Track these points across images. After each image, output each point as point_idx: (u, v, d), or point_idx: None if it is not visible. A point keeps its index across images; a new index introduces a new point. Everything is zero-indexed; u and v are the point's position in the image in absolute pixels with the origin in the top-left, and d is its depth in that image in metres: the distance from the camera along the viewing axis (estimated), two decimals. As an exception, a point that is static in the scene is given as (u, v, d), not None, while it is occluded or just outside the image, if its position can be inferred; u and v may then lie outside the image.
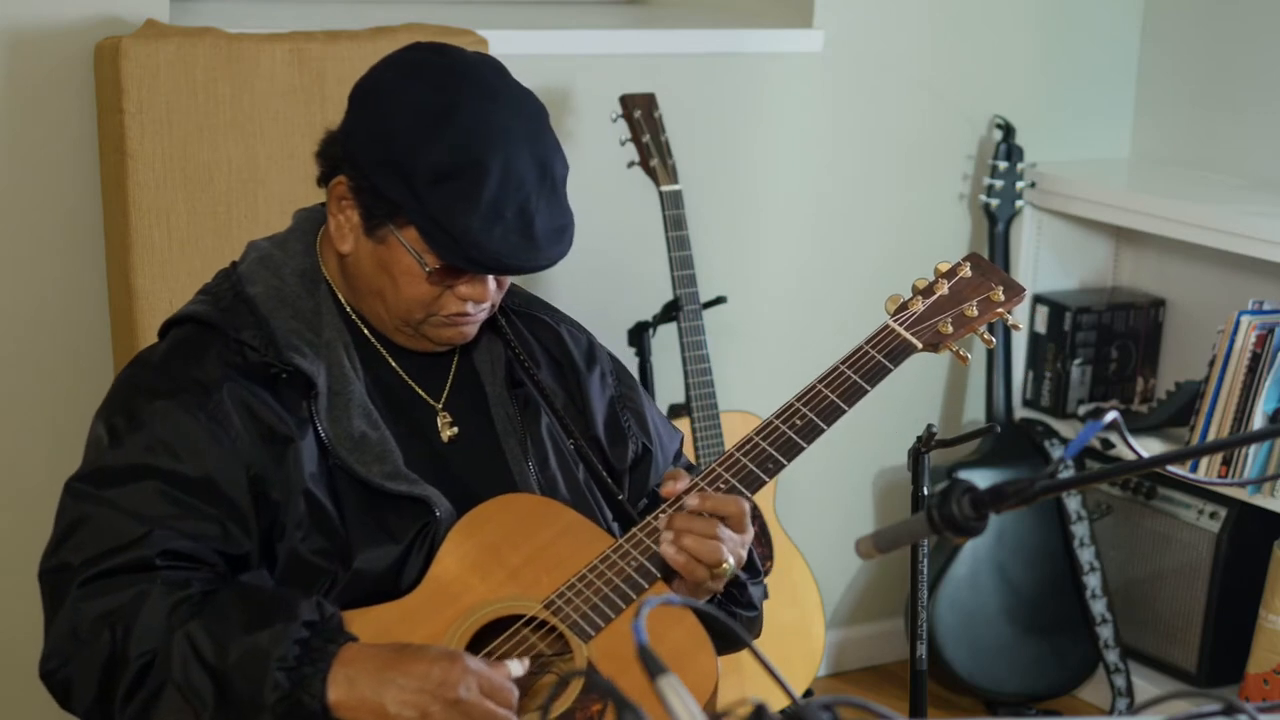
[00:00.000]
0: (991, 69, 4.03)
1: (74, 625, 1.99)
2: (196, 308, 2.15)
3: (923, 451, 2.55)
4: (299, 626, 1.93)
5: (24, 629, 3.21)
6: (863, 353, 2.17)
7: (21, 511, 3.18)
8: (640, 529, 2.08)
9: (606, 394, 2.29)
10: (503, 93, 2.07)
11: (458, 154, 2.01)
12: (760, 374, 3.88)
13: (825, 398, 2.14)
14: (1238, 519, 3.79)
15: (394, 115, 2.04)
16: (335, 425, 2.08)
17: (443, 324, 2.12)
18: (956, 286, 2.20)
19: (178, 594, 1.96)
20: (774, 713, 1.35)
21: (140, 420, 2.05)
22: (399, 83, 2.07)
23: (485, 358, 2.22)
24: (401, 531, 2.07)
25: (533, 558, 2.07)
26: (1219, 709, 1.46)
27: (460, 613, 2.03)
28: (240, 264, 2.18)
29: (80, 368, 3.15)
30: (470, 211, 2.00)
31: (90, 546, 2.00)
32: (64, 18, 3.04)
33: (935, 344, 2.18)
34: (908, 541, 1.96)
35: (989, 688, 3.91)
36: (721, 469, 2.10)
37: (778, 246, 3.86)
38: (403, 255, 2.06)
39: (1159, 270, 4.15)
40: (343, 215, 2.10)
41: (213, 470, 2.02)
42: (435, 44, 2.13)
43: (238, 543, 2.02)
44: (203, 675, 1.92)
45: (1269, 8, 3.93)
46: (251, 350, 2.07)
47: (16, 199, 3.08)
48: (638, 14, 3.91)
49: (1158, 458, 1.69)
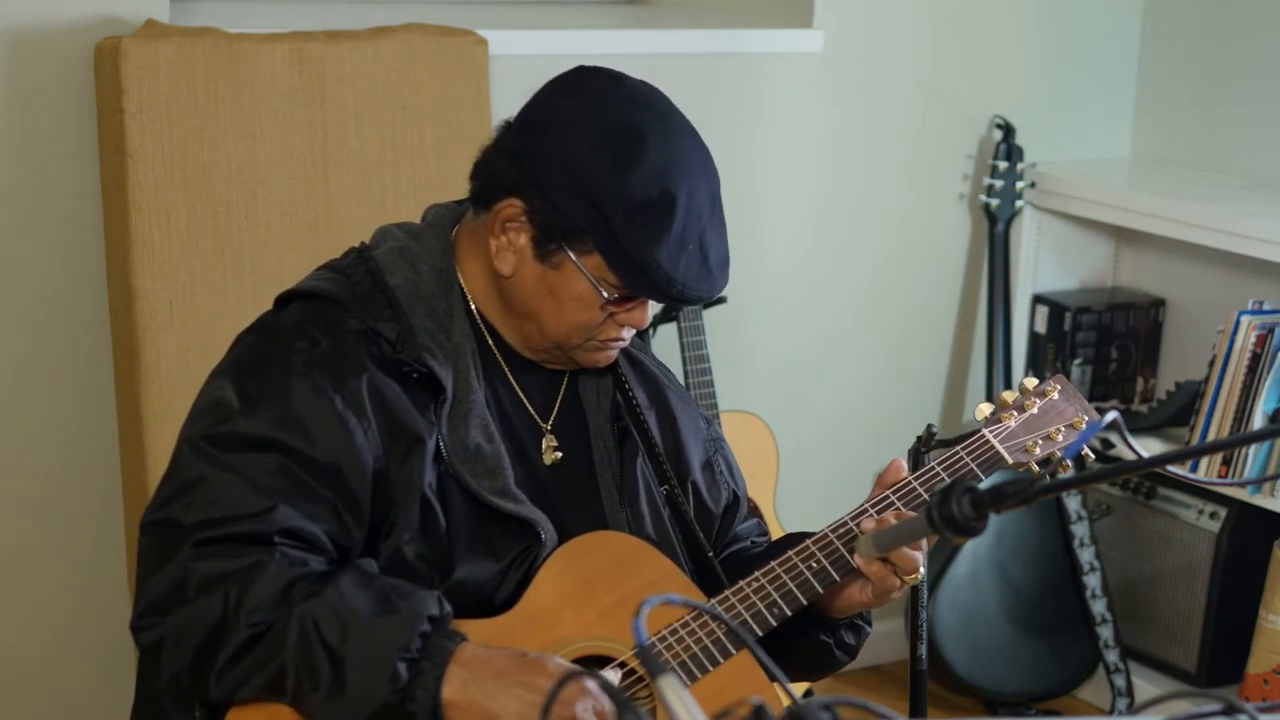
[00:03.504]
0: (991, 69, 4.02)
1: (182, 581, 1.92)
2: (330, 286, 2.08)
3: (923, 451, 2.55)
4: (423, 619, 1.90)
5: (21, 629, 3.21)
6: (957, 457, 2.19)
7: (22, 511, 3.17)
8: (733, 593, 2.07)
9: (700, 437, 2.27)
10: (677, 121, 2.07)
11: (650, 186, 1.99)
12: (760, 374, 3.88)
13: (916, 492, 2.15)
14: (1238, 519, 3.78)
15: (583, 143, 2.01)
16: (454, 433, 2.04)
17: (596, 348, 2.11)
18: (1046, 408, 2.23)
19: (296, 570, 1.92)
20: (774, 713, 1.35)
21: (274, 393, 1.99)
22: (584, 110, 2.04)
23: (592, 386, 2.20)
24: (504, 550, 2.04)
25: (627, 600, 2.05)
26: (1219, 709, 1.46)
27: (551, 643, 2.01)
28: (374, 249, 2.12)
29: (80, 368, 3.15)
30: (660, 243, 1.99)
31: (207, 509, 1.94)
32: (64, 18, 3.04)
33: (1022, 462, 2.21)
34: (908, 541, 1.97)
35: (989, 688, 3.91)
36: (840, 528, 2.12)
37: (778, 246, 3.85)
38: (578, 281, 2.03)
39: (1159, 270, 4.15)
40: (507, 237, 2.05)
41: (339, 457, 1.97)
42: (605, 69, 2.11)
43: (348, 533, 1.99)
44: (323, 656, 1.88)
45: (1269, 8, 3.93)
46: (387, 344, 2.03)
47: (16, 199, 3.07)
48: (638, 14, 3.91)
49: (1158, 458, 1.69)
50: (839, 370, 3.97)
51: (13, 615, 3.19)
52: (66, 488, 3.17)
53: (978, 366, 4.10)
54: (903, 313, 4.02)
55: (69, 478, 3.17)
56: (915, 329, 4.03)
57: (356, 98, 3.12)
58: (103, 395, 3.16)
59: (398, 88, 3.15)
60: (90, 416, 3.17)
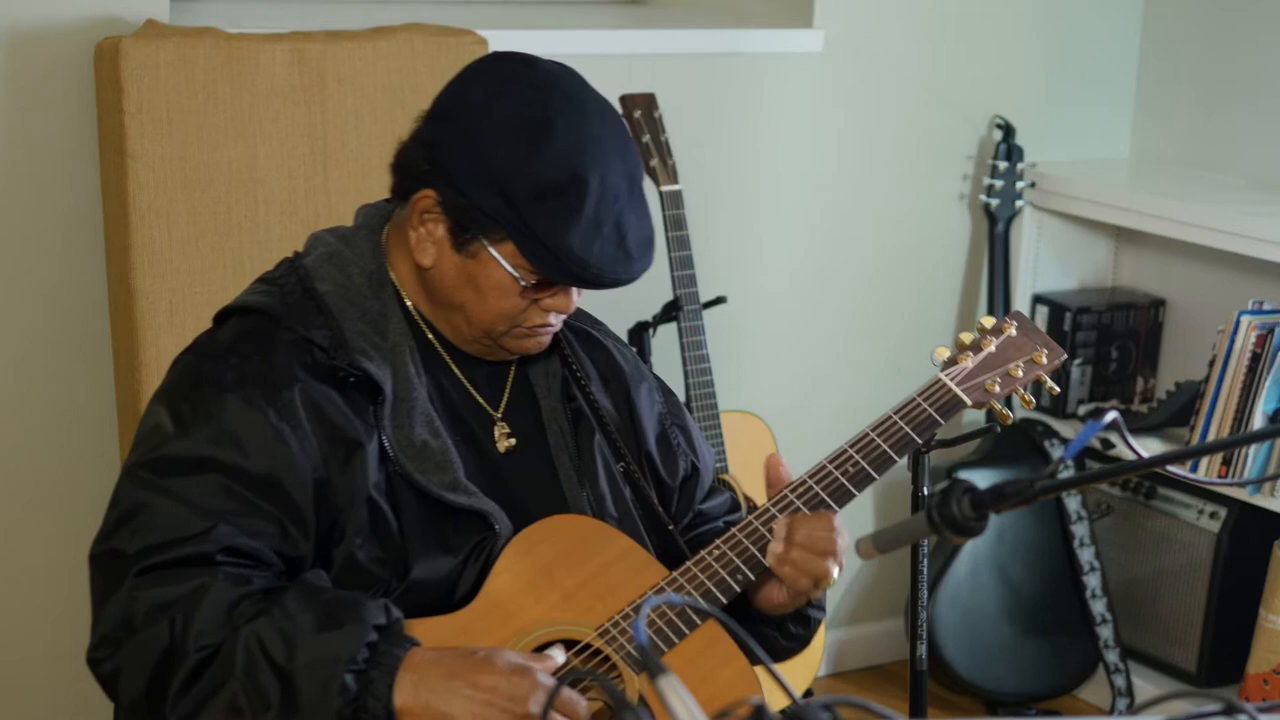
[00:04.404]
0: (991, 69, 4.03)
1: (129, 613, 1.94)
2: (261, 299, 2.09)
3: (923, 451, 2.55)
4: (369, 629, 1.90)
5: (22, 629, 3.21)
6: (914, 404, 2.18)
7: (22, 511, 3.18)
8: (694, 563, 2.08)
9: (655, 410, 2.27)
10: (590, 103, 2.05)
11: (558, 170, 1.99)
12: (760, 374, 3.88)
13: (877, 446, 2.16)
14: (1238, 519, 3.79)
15: (490, 130, 2.01)
16: (398, 432, 2.05)
17: (523, 335, 2.10)
18: (1003, 345, 2.23)
19: (240, 590, 1.93)
20: (774, 713, 1.35)
21: (208, 412, 2.00)
22: (491, 97, 2.03)
23: (541, 370, 2.20)
24: (459, 544, 2.04)
25: (587, 582, 2.06)
26: (1219, 709, 1.46)
27: (513, 633, 2.02)
28: (305, 257, 2.13)
29: (80, 368, 3.15)
30: (572, 227, 1.98)
31: (149, 535, 1.96)
32: (64, 18, 3.04)
33: (983, 402, 2.21)
34: (908, 541, 1.96)
35: (989, 688, 3.91)
36: (774, 509, 2.11)
37: (778, 246, 3.86)
38: (495, 270, 2.03)
39: (1159, 270, 4.15)
40: (425, 229, 2.06)
41: (278, 469, 1.98)
42: (516, 53, 2.10)
43: (295, 544, 1.99)
44: (270, 675, 1.89)
45: (1269, 8, 3.93)
46: (320, 351, 2.04)
47: (16, 199, 3.07)
48: (638, 14, 3.91)
49: (1158, 458, 1.69)
50: (839, 370, 3.97)
51: (13, 616, 3.19)
52: (67, 488, 3.17)
53: (978, 366, 4.10)
54: (903, 313, 4.02)
55: (69, 478, 3.17)
56: (915, 329, 4.03)
57: (356, 98, 3.12)
58: (103, 395, 3.16)
59: (398, 88, 3.15)
60: (90, 416, 3.17)
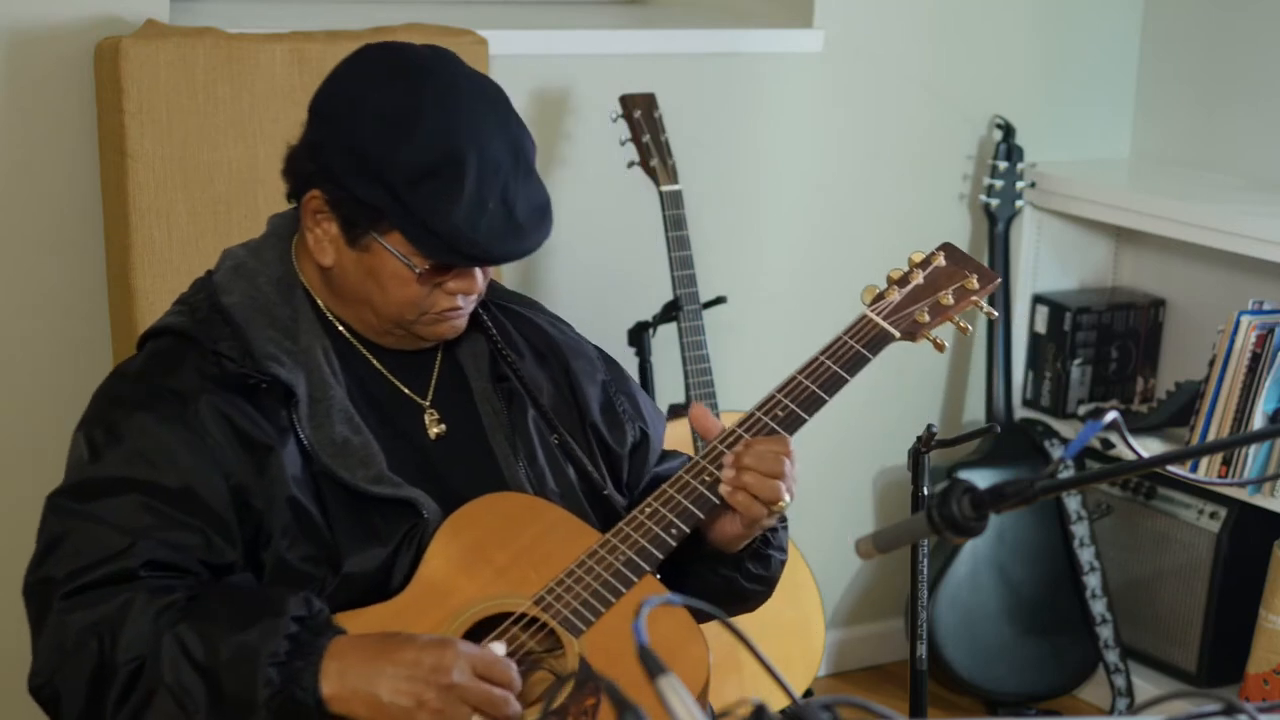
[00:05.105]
0: (991, 69, 4.03)
1: (59, 638, 1.98)
2: (172, 319, 2.14)
3: (923, 451, 2.55)
4: (288, 621, 1.93)
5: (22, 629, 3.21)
6: (841, 343, 2.20)
7: (21, 512, 3.17)
8: (626, 523, 2.08)
9: (598, 379, 2.28)
10: (462, 81, 2.06)
11: (433, 152, 2.00)
12: (760, 374, 3.87)
13: (806, 388, 2.17)
14: (1238, 519, 3.79)
15: (361, 123, 2.03)
16: (317, 432, 2.07)
17: (434, 320, 2.11)
18: (931, 276, 2.24)
19: (163, 599, 1.96)
20: (774, 713, 1.35)
21: (119, 433, 2.05)
22: (359, 89, 2.06)
23: (469, 352, 2.21)
24: (388, 534, 2.06)
25: (520, 555, 2.07)
26: (1219, 709, 1.46)
27: (449, 613, 2.03)
28: (215, 273, 2.17)
29: (80, 368, 3.15)
30: (454, 208, 1.99)
31: (73, 560, 2.00)
32: (64, 18, 3.04)
33: (913, 333, 2.22)
34: (908, 541, 1.96)
35: (989, 688, 3.91)
36: (705, 461, 2.11)
37: (778, 246, 3.86)
38: (389, 260, 2.05)
39: (1159, 270, 4.15)
40: (320, 229, 2.09)
41: (192, 480, 2.01)
42: (386, 43, 2.12)
43: (220, 552, 2.02)
44: (194, 676, 1.92)
45: (1269, 8, 3.93)
46: (229, 361, 2.07)
47: (16, 199, 3.08)
48: (638, 14, 3.91)
49: (1158, 458, 1.69)
50: (839, 370, 3.97)
51: (12, 616, 3.19)
52: (66, 488, 3.17)
53: (978, 367, 4.10)
54: (903, 313, 4.02)
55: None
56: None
57: (356, 98, 3.12)
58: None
59: (398, 88, 3.15)
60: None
